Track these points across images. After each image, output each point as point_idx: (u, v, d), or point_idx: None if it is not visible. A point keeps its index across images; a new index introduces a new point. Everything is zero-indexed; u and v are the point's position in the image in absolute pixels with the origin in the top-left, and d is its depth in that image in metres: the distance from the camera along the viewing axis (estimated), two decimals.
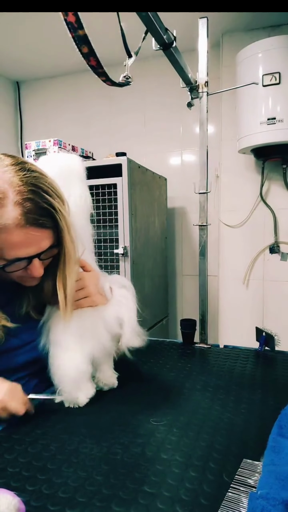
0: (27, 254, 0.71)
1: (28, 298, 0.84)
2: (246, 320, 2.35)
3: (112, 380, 0.90)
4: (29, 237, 0.69)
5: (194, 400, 0.84)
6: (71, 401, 0.81)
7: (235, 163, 2.35)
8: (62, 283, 0.78)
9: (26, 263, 0.73)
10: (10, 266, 0.72)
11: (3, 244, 0.68)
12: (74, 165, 0.86)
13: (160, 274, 2.43)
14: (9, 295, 0.83)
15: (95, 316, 0.83)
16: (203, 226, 1.34)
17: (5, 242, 0.68)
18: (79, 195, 0.85)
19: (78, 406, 0.81)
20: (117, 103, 2.74)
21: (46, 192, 0.70)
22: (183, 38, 1.39)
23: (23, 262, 0.72)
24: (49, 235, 0.72)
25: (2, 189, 0.66)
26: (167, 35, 1.08)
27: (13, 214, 0.67)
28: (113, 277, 0.92)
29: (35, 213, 0.68)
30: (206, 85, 1.34)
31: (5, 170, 0.68)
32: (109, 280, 0.89)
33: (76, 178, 0.85)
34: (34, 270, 0.74)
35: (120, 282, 0.90)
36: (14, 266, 0.72)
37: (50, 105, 2.94)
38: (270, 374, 0.98)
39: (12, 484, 0.57)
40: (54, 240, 0.74)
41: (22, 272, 0.75)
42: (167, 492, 0.55)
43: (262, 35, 2.18)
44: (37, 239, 0.71)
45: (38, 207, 0.69)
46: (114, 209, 1.91)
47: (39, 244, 0.71)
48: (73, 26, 0.70)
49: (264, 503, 0.48)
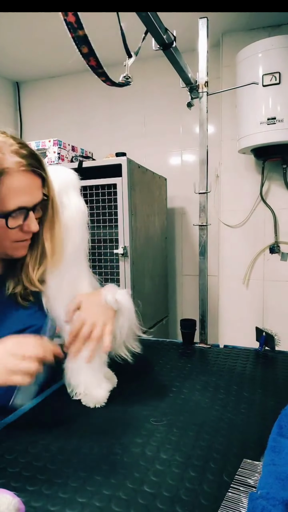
0: (27, 202, 0.75)
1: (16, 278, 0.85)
2: (246, 320, 2.35)
3: (113, 378, 0.91)
4: (29, 182, 0.75)
5: (194, 400, 0.84)
6: (94, 401, 0.81)
7: (235, 163, 2.35)
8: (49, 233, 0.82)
9: (24, 216, 0.76)
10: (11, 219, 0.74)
11: (6, 191, 0.72)
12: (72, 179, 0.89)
13: (160, 274, 2.43)
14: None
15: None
16: (203, 226, 1.34)
17: (9, 188, 0.72)
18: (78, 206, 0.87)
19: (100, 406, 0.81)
20: (117, 103, 2.74)
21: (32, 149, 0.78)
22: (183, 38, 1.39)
23: (21, 214, 0.75)
24: (40, 185, 0.78)
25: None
26: (167, 35, 1.08)
27: (13, 159, 0.72)
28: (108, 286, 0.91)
29: (32, 158, 0.75)
30: (206, 85, 1.34)
31: None
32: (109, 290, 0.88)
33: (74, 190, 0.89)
34: (31, 224, 0.77)
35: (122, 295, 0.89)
36: (15, 220, 0.75)
37: (50, 105, 2.94)
38: (270, 374, 0.98)
39: (12, 484, 0.57)
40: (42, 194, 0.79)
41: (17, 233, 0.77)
42: (167, 492, 0.55)
43: (262, 35, 2.18)
44: (35, 187, 0.76)
45: (32, 153, 0.76)
46: (114, 209, 1.91)
47: (36, 193, 0.77)
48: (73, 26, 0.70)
49: (264, 503, 0.48)
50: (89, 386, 0.82)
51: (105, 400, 0.82)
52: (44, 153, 2.10)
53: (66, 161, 2.13)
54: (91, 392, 0.82)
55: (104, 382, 0.85)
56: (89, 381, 0.82)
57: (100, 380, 0.84)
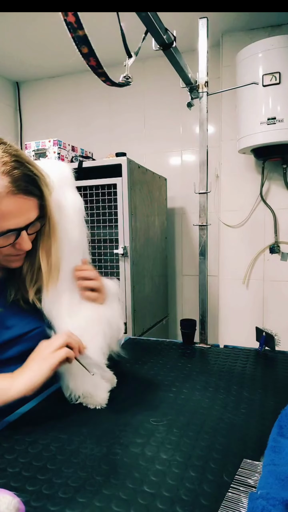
0: (17, 225, 0.73)
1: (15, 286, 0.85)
2: (246, 320, 2.35)
3: (112, 377, 0.91)
4: (20, 205, 0.72)
5: (194, 400, 0.84)
6: (95, 402, 0.81)
7: (235, 163, 2.35)
8: (45, 252, 0.80)
9: (15, 236, 0.74)
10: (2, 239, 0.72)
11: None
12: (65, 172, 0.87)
13: (160, 274, 2.43)
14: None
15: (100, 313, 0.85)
16: (203, 226, 1.34)
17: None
18: (73, 200, 0.86)
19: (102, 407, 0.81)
20: (117, 103, 2.74)
21: (28, 162, 0.74)
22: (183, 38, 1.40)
23: (12, 235, 0.73)
24: (35, 205, 0.75)
25: None
26: (167, 35, 1.08)
27: (3, 183, 0.69)
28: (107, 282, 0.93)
29: (23, 180, 0.71)
30: (206, 85, 1.34)
31: None
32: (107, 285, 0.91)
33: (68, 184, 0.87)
34: (23, 243, 0.75)
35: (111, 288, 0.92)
36: (4, 239, 0.73)
37: (50, 105, 2.94)
38: (270, 374, 0.98)
39: (12, 484, 0.57)
40: (39, 211, 0.76)
41: (9, 249, 0.76)
42: (167, 492, 0.55)
43: (262, 35, 2.18)
44: (26, 209, 0.73)
45: (24, 174, 0.71)
46: (114, 209, 1.91)
47: (28, 214, 0.74)
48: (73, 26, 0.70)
49: (264, 503, 0.48)
50: (89, 388, 0.82)
51: (106, 401, 0.82)
52: (44, 153, 2.10)
53: (66, 161, 2.14)
54: (91, 394, 0.82)
55: (103, 383, 0.85)
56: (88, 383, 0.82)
57: (99, 382, 0.84)
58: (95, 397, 0.82)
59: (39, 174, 0.75)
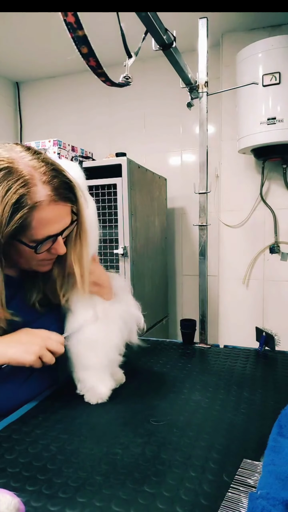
0: (56, 230, 0.74)
1: (37, 289, 0.86)
2: (246, 320, 2.35)
3: (121, 375, 0.92)
4: (59, 212, 0.73)
5: (194, 400, 0.84)
6: (95, 396, 0.82)
7: (235, 163, 2.35)
8: (77, 257, 0.81)
9: (52, 242, 0.76)
10: (41, 246, 0.74)
11: (36, 223, 0.71)
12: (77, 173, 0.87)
13: (160, 274, 2.43)
14: (15, 289, 0.84)
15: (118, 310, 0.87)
16: (203, 226, 1.34)
17: (39, 220, 0.71)
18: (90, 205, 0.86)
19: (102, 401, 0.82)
20: (117, 103, 2.74)
21: (63, 170, 0.75)
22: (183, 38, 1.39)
23: (50, 240, 0.75)
24: (70, 211, 0.76)
25: (28, 171, 0.69)
26: (167, 35, 1.08)
27: (45, 192, 0.70)
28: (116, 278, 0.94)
29: (63, 188, 0.73)
30: (206, 85, 1.34)
31: (22, 156, 0.71)
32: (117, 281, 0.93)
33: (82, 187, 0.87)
34: (59, 248, 0.77)
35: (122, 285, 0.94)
36: (44, 246, 0.75)
37: (50, 105, 2.94)
38: (270, 374, 0.98)
39: (12, 484, 0.57)
40: (72, 216, 0.77)
41: (45, 254, 0.77)
42: (167, 492, 0.55)
43: (262, 35, 2.18)
44: (64, 214, 0.75)
45: (63, 182, 0.73)
46: (114, 209, 1.91)
47: (65, 219, 0.75)
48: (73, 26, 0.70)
49: (264, 503, 0.48)
50: (93, 382, 0.83)
51: (107, 396, 0.82)
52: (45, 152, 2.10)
53: None
54: (93, 388, 0.82)
55: (108, 380, 0.85)
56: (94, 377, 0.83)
57: (105, 377, 0.85)
58: (98, 391, 0.82)
59: (74, 180, 0.76)
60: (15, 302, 0.82)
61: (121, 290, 0.92)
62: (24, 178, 0.68)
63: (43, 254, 0.77)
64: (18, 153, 0.71)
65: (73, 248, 0.81)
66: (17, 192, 0.68)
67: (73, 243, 0.81)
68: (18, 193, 0.68)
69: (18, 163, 0.70)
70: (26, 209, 0.68)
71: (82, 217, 0.79)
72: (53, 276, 0.85)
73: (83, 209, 0.79)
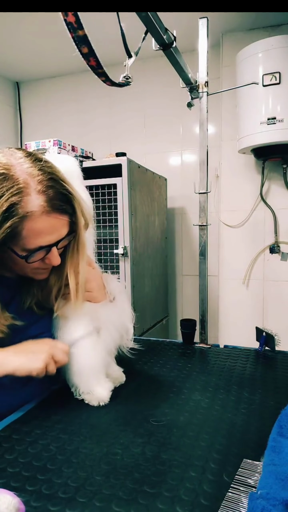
0: (49, 242, 0.73)
1: (32, 294, 0.85)
2: (246, 320, 2.35)
3: (121, 374, 0.92)
4: (53, 224, 0.71)
5: (194, 400, 0.84)
6: (95, 399, 0.82)
7: (235, 163, 2.35)
8: (74, 270, 0.80)
9: (46, 252, 0.74)
10: (32, 256, 0.73)
11: (27, 233, 0.69)
12: (73, 167, 0.86)
13: (160, 274, 2.43)
14: (13, 291, 0.84)
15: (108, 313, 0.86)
16: (203, 226, 1.34)
17: (30, 230, 0.69)
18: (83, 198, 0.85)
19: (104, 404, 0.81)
20: (117, 103, 2.74)
21: (63, 180, 0.73)
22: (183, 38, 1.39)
23: (43, 251, 0.73)
24: (67, 222, 0.75)
25: (23, 179, 0.68)
26: (167, 35, 1.08)
27: (38, 202, 0.68)
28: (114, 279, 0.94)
29: (58, 199, 0.71)
30: (206, 85, 1.34)
31: (20, 162, 0.70)
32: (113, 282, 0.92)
33: (77, 180, 0.86)
34: (53, 259, 0.76)
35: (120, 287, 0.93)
36: (35, 256, 0.73)
37: (50, 105, 2.94)
38: (270, 374, 0.98)
39: (12, 484, 0.57)
40: (69, 227, 0.76)
41: (39, 263, 0.76)
42: (167, 492, 0.55)
43: (262, 35, 2.18)
44: (59, 226, 0.73)
45: (59, 193, 0.71)
46: (114, 209, 1.91)
47: (60, 231, 0.74)
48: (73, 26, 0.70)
49: (264, 503, 0.48)
50: (91, 385, 0.82)
51: (108, 398, 0.82)
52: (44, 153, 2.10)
53: None
54: (93, 391, 0.82)
55: (106, 381, 0.85)
56: (91, 380, 0.83)
57: (102, 379, 0.84)
58: (96, 394, 0.82)
59: (73, 192, 0.74)
60: (14, 304, 0.82)
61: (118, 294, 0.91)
62: (18, 186, 0.67)
63: (37, 263, 0.76)
64: (18, 159, 0.70)
65: (70, 259, 0.80)
66: (8, 200, 0.66)
67: (70, 255, 0.80)
68: (9, 201, 0.66)
69: (15, 169, 0.68)
70: (16, 218, 0.67)
71: (79, 229, 0.77)
72: (49, 285, 0.84)
73: (80, 222, 0.77)
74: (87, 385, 0.83)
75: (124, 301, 0.91)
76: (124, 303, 0.90)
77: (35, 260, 0.75)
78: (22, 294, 0.85)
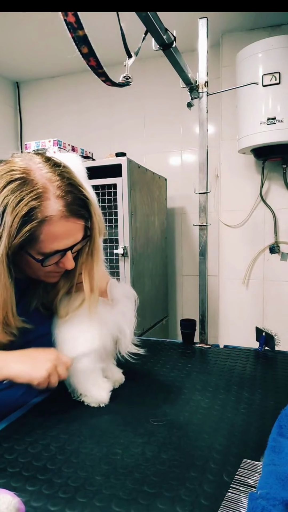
0: (65, 246, 0.73)
1: (37, 295, 0.85)
2: (246, 320, 2.35)
3: (120, 375, 0.92)
4: (70, 228, 0.72)
5: (194, 400, 0.84)
6: (95, 401, 0.82)
7: (235, 163, 2.35)
8: (88, 274, 0.80)
9: (60, 256, 0.75)
10: (48, 260, 0.73)
11: (45, 237, 0.70)
12: (78, 165, 0.86)
13: (160, 274, 2.43)
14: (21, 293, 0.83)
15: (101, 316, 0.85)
16: (203, 226, 1.34)
17: (48, 234, 0.70)
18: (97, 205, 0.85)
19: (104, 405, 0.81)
20: (117, 103, 2.74)
21: (80, 185, 0.74)
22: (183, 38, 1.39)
23: (58, 255, 0.74)
24: (82, 227, 0.75)
25: (42, 183, 0.68)
26: (167, 35, 1.08)
27: (57, 207, 0.69)
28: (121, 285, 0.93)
29: (76, 204, 0.72)
30: (206, 85, 1.34)
31: (39, 167, 0.70)
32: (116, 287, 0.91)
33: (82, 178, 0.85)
34: (67, 263, 0.76)
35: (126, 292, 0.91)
36: (51, 260, 0.74)
37: (50, 105, 2.94)
38: (270, 374, 0.98)
39: (12, 484, 0.57)
40: (84, 232, 0.76)
41: (52, 267, 0.76)
42: (167, 492, 0.55)
43: (262, 35, 2.18)
44: (75, 231, 0.74)
45: (77, 198, 0.72)
46: (114, 209, 1.91)
47: (76, 235, 0.74)
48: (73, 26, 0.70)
49: (264, 503, 0.48)
50: (89, 387, 0.82)
51: (106, 401, 0.82)
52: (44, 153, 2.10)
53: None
54: (91, 393, 0.82)
55: (104, 381, 0.85)
56: (90, 381, 0.83)
57: (100, 380, 0.84)
58: (95, 396, 0.82)
59: (90, 197, 0.75)
60: (21, 305, 0.82)
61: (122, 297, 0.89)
62: (38, 190, 0.68)
63: (51, 267, 0.76)
64: (36, 164, 0.71)
65: (84, 264, 0.80)
66: (28, 204, 0.67)
67: (84, 259, 0.80)
68: (29, 205, 0.67)
69: (34, 174, 0.69)
70: (35, 222, 0.68)
71: (95, 234, 0.78)
72: (57, 288, 0.84)
73: (96, 227, 0.77)
74: (85, 387, 0.82)
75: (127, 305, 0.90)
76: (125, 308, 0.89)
77: (50, 264, 0.75)
78: (28, 295, 0.85)
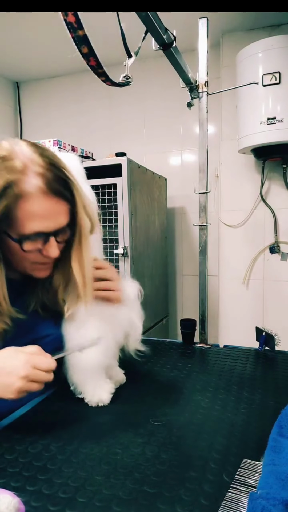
0: (46, 228, 0.70)
1: (36, 296, 0.84)
2: (246, 320, 2.35)
3: (122, 376, 0.92)
4: (50, 208, 0.69)
5: (194, 400, 0.84)
6: (95, 400, 0.81)
7: (235, 163, 2.35)
8: (78, 262, 0.76)
9: (43, 241, 0.72)
10: (27, 242, 0.71)
11: (23, 215, 0.68)
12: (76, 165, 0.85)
13: (160, 274, 2.43)
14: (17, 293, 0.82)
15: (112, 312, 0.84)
16: (203, 226, 1.34)
17: (26, 212, 0.68)
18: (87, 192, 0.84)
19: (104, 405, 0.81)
20: (117, 103, 2.74)
21: (63, 166, 0.72)
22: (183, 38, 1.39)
23: (40, 239, 0.71)
24: (66, 210, 0.72)
25: (22, 160, 0.68)
26: (167, 35, 1.08)
27: (36, 182, 0.68)
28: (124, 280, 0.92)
29: (57, 182, 0.69)
30: (206, 85, 1.34)
31: (22, 149, 0.70)
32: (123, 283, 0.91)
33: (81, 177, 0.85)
34: (50, 250, 0.73)
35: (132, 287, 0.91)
36: (31, 243, 0.71)
37: (50, 105, 2.94)
38: (270, 374, 0.98)
39: (12, 484, 0.57)
40: (69, 218, 0.74)
41: (36, 256, 0.74)
42: (167, 492, 0.55)
43: (262, 35, 2.18)
44: (57, 212, 0.71)
45: (58, 177, 0.70)
46: (114, 209, 1.91)
47: (58, 218, 0.71)
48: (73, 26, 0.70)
49: (264, 503, 0.48)
50: (92, 386, 0.82)
51: (108, 400, 0.82)
52: None
53: None
54: (93, 392, 0.82)
55: (107, 381, 0.85)
56: (92, 380, 0.82)
57: (103, 380, 0.84)
58: (96, 395, 0.82)
59: (73, 179, 0.73)
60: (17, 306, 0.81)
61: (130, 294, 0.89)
62: (16, 167, 0.67)
63: (35, 255, 0.74)
64: (21, 146, 0.70)
65: (73, 254, 0.76)
66: (4, 178, 0.66)
67: (73, 248, 0.76)
68: (5, 179, 0.66)
69: (16, 153, 0.69)
70: (11, 197, 0.66)
71: (80, 219, 0.74)
72: (54, 286, 0.82)
73: (80, 210, 0.74)
74: (86, 386, 0.82)
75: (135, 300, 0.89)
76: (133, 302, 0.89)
77: (31, 249, 0.72)
78: (26, 296, 0.84)
